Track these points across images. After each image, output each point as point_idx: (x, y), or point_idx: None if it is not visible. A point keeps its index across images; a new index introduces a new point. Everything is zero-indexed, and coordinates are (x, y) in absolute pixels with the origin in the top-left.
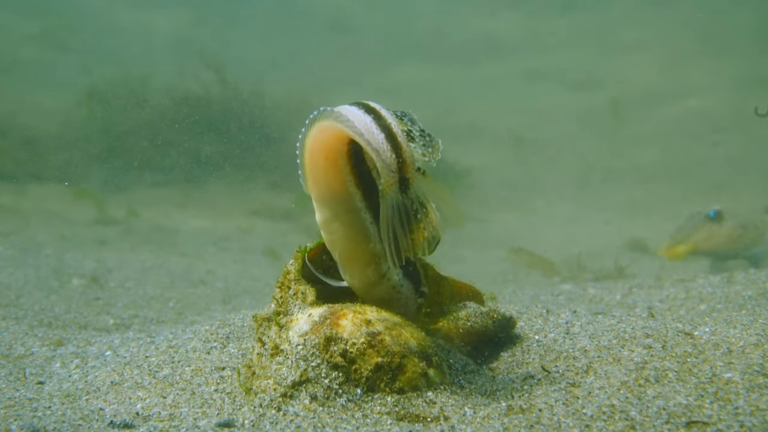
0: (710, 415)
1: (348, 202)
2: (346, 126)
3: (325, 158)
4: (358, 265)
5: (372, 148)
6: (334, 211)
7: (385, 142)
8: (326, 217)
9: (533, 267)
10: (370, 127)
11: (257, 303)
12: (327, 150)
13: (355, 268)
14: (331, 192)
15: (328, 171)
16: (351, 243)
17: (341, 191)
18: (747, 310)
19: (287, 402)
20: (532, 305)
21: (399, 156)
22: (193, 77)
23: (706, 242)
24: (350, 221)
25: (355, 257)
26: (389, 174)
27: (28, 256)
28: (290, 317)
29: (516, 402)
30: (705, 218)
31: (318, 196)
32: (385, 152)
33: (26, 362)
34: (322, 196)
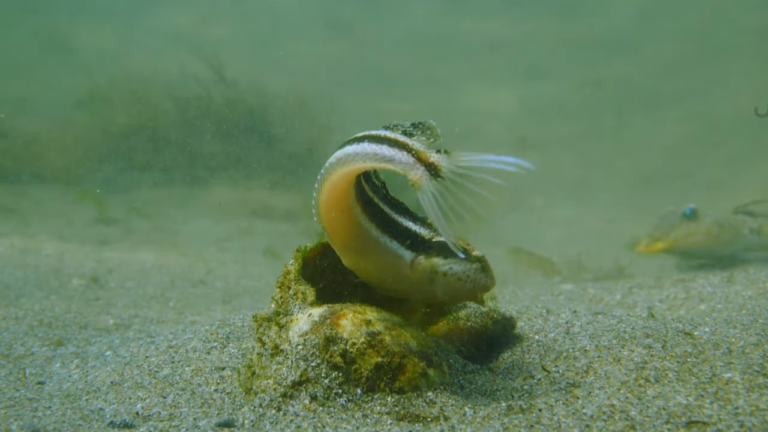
0: (710, 415)
1: (368, 238)
2: (353, 164)
3: (340, 210)
4: (405, 281)
5: (384, 161)
6: (359, 251)
7: (391, 149)
8: (353, 259)
9: (533, 267)
10: (371, 149)
11: (257, 303)
12: (339, 203)
13: (403, 285)
14: (351, 237)
15: (344, 221)
16: (386, 270)
17: (360, 232)
18: (747, 310)
19: (287, 402)
20: (532, 305)
21: (410, 150)
22: (193, 77)
23: (685, 240)
24: (376, 252)
25: (399, 278)
26: (413, 170)
27: (28, 256)
28: (290, 317)
29: (516, 402)
30: (681, 216)
31: (342, 246)
32: (397, 155)
33: (26, 362)
34: (345, 244)
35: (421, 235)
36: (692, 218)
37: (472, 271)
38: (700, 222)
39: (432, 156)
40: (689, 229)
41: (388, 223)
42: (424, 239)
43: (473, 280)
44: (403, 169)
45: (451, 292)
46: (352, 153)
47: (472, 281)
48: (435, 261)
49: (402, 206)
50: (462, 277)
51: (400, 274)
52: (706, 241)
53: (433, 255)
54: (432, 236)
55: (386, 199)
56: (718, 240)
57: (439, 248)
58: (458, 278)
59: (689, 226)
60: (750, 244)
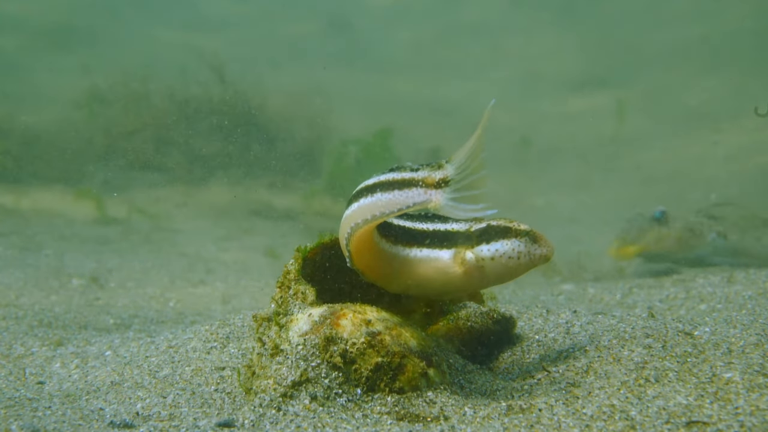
0: (710, 415)
1: (399, 260)
2: (374, 221)
3: (370, 254)
4: (454, 281)
5: (402, 206)
6: (399, 275)
7: (401, 192)
8: (397, 285)
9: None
10: (384, 199)
11: (257, 303)
12: (368, 249)
13: (452, 285)
14: (386, 268)
15: (375, 259)
16: (431, 278)
17: (390, 260)
18: (747, 310)
19: (287, 402)
20: (532, 305)
21: (418, 184)
22: (194, 77)
23: (656, 244)
24: (412, 268)
25: (446, 281)
26: (429, 199)
27: (28, 256)
28: (290, 317)
29: (516, 402)
30: (651, 220)
31: (383, 280)
32: (410, 197)
33: (26, 362)
34: (385, 276)
35: (457, 231)
36: (662, 221)
37: (523, 245)
38: (671, 226)
39: (436, 174)
40: (660, 234)
41: (413, 235)
42: (461, 233)
43: (527, 253)
44: (421, 205)
45: (506, 273)
46: (370, 210)
47: (526, 255)
48: (478, 249)
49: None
50: (513, 255)
51: (446, 276)
52: (676, 246)
53: (475, 244)
54: (470, 227)
55: (404, 214)
56: (687, 244)
57: (480, 236)
58: (509, 257)
59: (660, 230)
60: (716, 248)
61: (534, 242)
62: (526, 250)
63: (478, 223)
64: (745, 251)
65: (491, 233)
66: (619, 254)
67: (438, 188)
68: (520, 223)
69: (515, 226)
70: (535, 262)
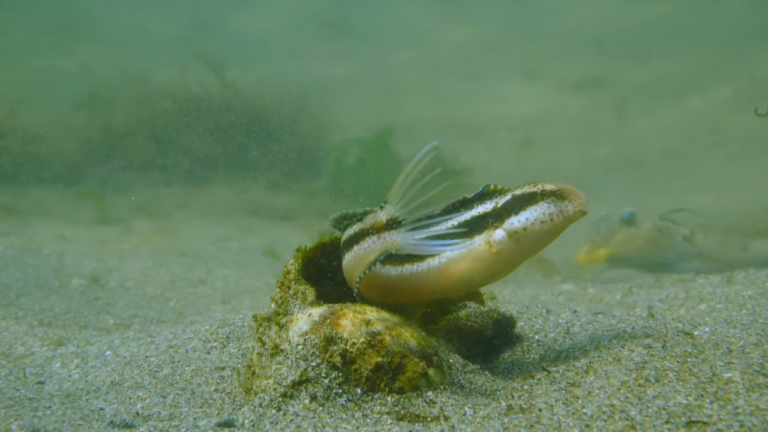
0: (710, 414)
1: (404, 278)
2: (366, 269)
3: (376, 290)
4: (491, 267)
5: (373, 255)
6: (420, 289)
7: (365, 243)
8: (425, 295)
9: (533, 267)
10: (361, 251)
11: (257, 303)
12: (374, 283)
13: (489, 271)
14: (405, 289)
15: (381, 290)
16: (467, 274)
17: (409, 279)
18: (747, 310)
19: (287, 402)
20: (532, 305)
21: (368, 233)
22: (194, 77)
23: (626, 246)
24: (435, 276)
25: (482, 268)
26: (384, 243)
27: (28, 256)
28: (290, 317)
29: (516, 402)
30: (620, 221)
31: (409, 298)
32: (370, 245)
33: (26, 362)
34: (410, 293)
35: (483, 213)
36: (630, 223)
37: (553, 206)
38: (640, 227)
39: (381, 217)
40: (629, 235)
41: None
42: (488, 214)
43: (559, 213)
44: (382, 251)
45: (544, 238)
46: (360, 261)
47: (559, 215)
48: (508, 223)
49: (447, 206)
50: (546, 218)
51: (481, 264)
52: (646, 246)
53: (503, 219)
54: (496, 204)
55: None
56: (656, 246)
57: (507, 209)
58: (542, 222)
59: (629, 231)
60: (682, 251)
61: (563, 199)
62: (558, 209)
63: (503, 196)
64: (711, 255)
65: (517, 203)
66: (589, 258)
67: (390, 229)
68: (545, 183)
69: (540, 188)
70: (571, 218)
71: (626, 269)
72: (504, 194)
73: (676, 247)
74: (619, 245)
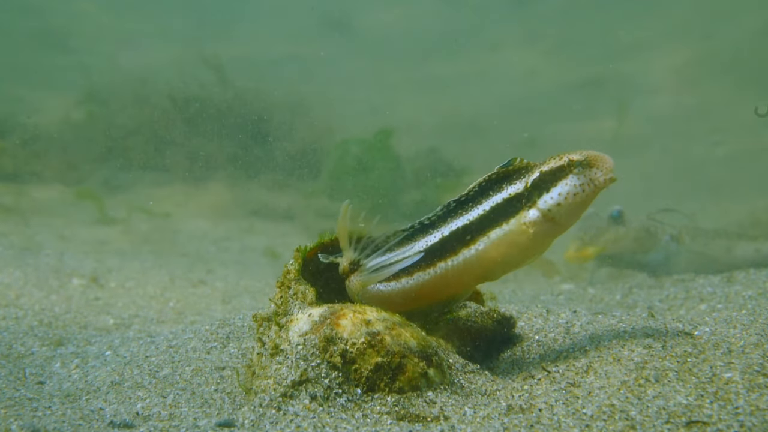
0: (710, 414)
1: (440, 276)
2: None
3: (417, 298)
4: (529, 247)
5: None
6: (453, 285)
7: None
8: (465, 287)
9: (533, 267)
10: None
11: (257, 303)
12: (412, 294)
13: (528, 252)
14: (434, 293)
15: (423, 295)
16: (505, 258)
17: (430, 284)
18: (747, 310)
19: (287, 402)
20: (532, 305)
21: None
22: (193, 77)
23: (614, 244)
24: (454, 270)
25: (519, 250)
26: (352, 285)
27: (28, 256)
28: (290, 317)
29: (516, 402)
30: (608, 219)
31: (447, 298)
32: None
33: (26, 362)
34: (433, 296)
35: (515, 194)
36: (619, 221)
37: (582, 177)
38: (628, 226)
39: (344, 263)
40: (618, 233)
41: (449, 242)
42: (520, 195)
43: (589, 182)
44: (355, 293)
45: (579, 208)
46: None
47: (589, 184)
48: (542, 202)
49: (472, 198)
50: (578, 191)
51: (519, 246)
52: (634, 245)
53: (535, 199)
54: (526, 183)
55: (450, 215)
56: (644, 245)
57: (538, 188)
58: (574, 194)
59: (618, 229)
60: (670, 251)
61: (591, 167)
62: (587, 179)
63: (531, 174)
64: (702, 255)
65: (547, 180)
66: (577, 257)
67: (354, 272)
68: (570, 154)
69: (567, 160)
70: (601, 187)
71: (606, 267)
72: (531, 171)
73: (664, 246)
74: (608, 243)
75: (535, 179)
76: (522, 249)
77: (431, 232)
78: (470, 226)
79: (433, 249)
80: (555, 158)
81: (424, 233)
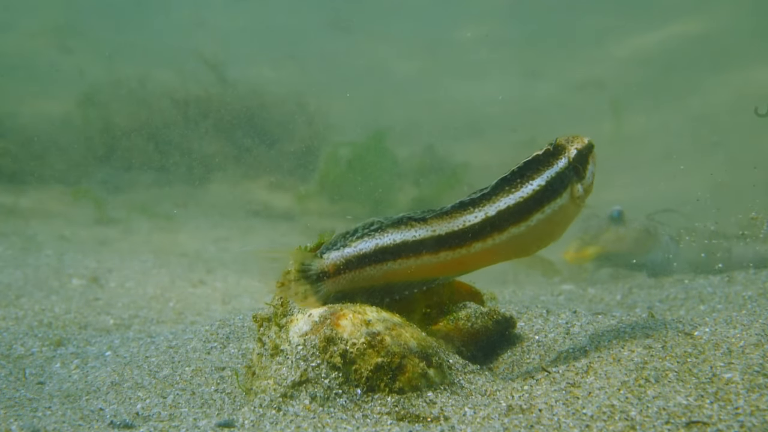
0: (710, 415)
1: (513, 237)
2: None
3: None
4: (571, 215)
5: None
6: (513, 251)
7: None
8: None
9: (533, 267)
10: None
11: (257, 303)
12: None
13: (568, 223)
14: (501, 254)
15: (493, 255)
16: (550, 229)
17: (503, 245)
18: (747, 310)
19: (287, 402)
20: (532, 305)
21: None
22: (193, 77)
23: (615, 244)
24: (519, 237)
25: (564, 220)
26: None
27: (28, 256)
28: (290, 317)
29: (516, 402)
30: (609, 219)
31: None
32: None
33: (26, 362)
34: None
35: (564, 168)
36: (619, 221)
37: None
38: (629, 226)
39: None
40: (618, 234)
41: (527, 206)
42: (569, 169)
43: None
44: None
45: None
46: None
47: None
48: (585, 179)
49: (517, 180)
50: (595, 169)
51: (568, 216)
52: (634, 246)
53: (580, 175)
54: (569, 158)
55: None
56: (644, 246)
57: (579, 167)
58: (593, 174)
59: (618, 230)
60: (669, 252)
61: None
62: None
63: (568, 150)
64: (696, 257)
65: (583, 159)
66: (577, 257)
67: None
68: (583, 137)
69: (588, 141)
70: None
71: (605, 267)
72: (568, 150)
73: (664, 247)
74: (608, 243)
75: (575, 156)
76: (569, 219)
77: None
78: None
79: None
80: (579, 139)
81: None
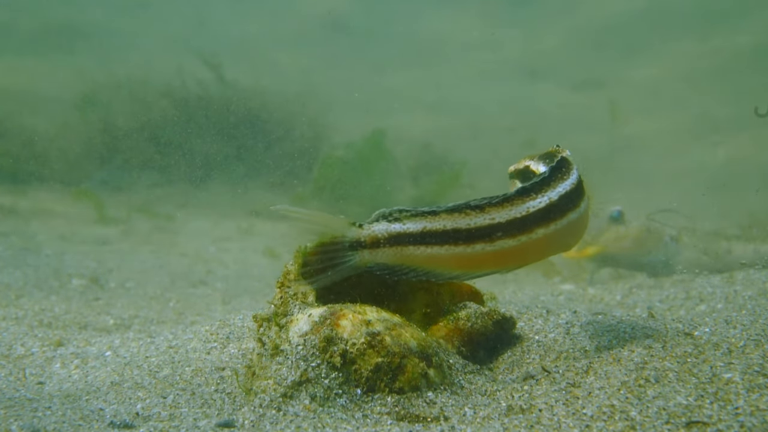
0: (710, 415)
1: (558, 231)
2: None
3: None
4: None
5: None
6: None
7: None
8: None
9: (533, 267)
10: None
11: (257, 303)
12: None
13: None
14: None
15: (541, 248)
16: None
17: (552, 237)
18: (747, 310)
19: (287, 402)
20: (532, 305)
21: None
22: (193, 77)
23: (615, 244)
24: (560, 232)
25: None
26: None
27: (28, 256)
28: (290, 317)
29: (516, 402)
30: (608, 219)
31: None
32: None
33: (26, 362)
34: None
35: (580, 176)
36: (619, 221)
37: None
38: (629, 226)
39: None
40: (619, 233)
41: (569, 198)
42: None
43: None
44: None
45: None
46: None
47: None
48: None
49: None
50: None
51: (588, 209)
52: (634, 246)
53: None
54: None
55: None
56: (645, 246)
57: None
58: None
59: (618, 230)
60: (670, 252)
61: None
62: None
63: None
64: (696, 257)
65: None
66: (578, 255)
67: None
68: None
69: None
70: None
71: (603, 268)
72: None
73: (664, 247)
74: (608, 242)
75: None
76: (587, 223)
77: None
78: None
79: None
80: (554, 149)
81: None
